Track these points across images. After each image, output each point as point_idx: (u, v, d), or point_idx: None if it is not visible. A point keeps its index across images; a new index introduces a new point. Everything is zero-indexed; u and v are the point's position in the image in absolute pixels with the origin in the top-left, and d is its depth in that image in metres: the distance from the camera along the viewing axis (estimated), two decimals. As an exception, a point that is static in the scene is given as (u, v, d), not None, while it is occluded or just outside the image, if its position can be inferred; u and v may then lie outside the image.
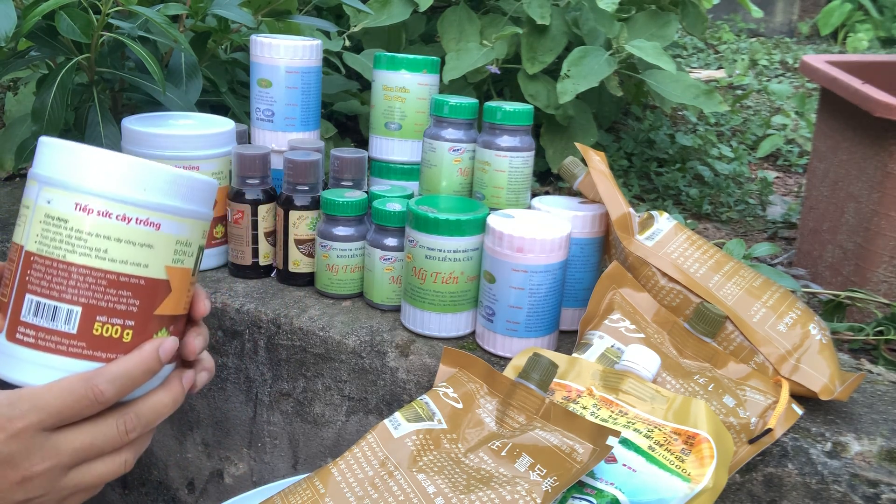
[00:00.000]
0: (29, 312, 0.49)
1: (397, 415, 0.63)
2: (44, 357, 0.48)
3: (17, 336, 0.49)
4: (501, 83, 1.43)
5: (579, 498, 0.58)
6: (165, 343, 0.49)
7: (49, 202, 0.49)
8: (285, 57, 0.92)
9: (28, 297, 0.49)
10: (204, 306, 0.54)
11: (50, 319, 0.48)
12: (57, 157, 0.49)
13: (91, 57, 0.95)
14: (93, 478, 0.48)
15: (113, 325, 0.49)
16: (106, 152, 0.49)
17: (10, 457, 0.45)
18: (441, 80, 1.13)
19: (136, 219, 0.48)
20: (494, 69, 1.26)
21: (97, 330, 0.48)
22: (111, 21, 0.93)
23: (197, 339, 0.54)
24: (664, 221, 0.78)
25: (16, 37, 0.84)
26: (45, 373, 0.49)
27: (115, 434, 0.48)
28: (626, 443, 0.60)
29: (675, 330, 0.73)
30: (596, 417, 0.63)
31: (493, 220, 0.74)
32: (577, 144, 0.83)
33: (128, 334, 0.49)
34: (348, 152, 0.92)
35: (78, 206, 0.48)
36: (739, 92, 2.22)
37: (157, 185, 0.49)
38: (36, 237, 0.49)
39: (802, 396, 0.70)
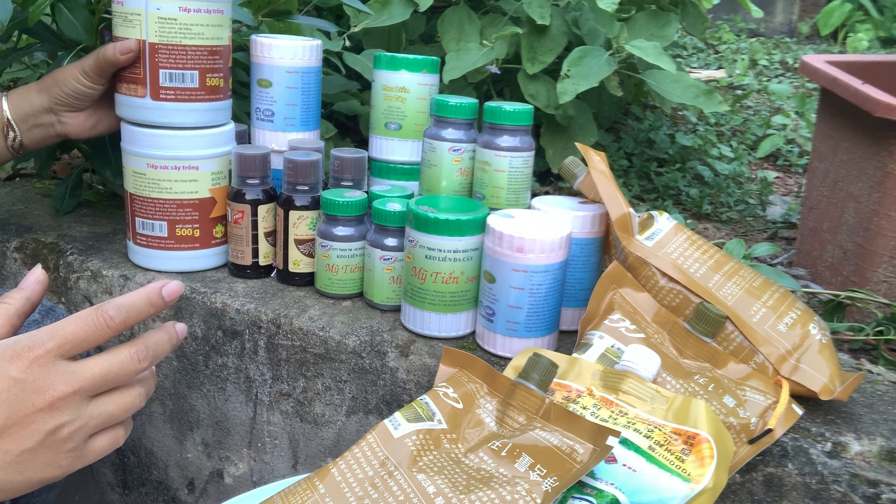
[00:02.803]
0: (165, 80, 0.82)
1: (397, 415, 0.63)
2: (181, 105, 0.83)
3: (161, 95, 0.82)
4: (501, 83, 1.43)
5: (579, 498, 0.58)
6: (170, 284, 0.54)
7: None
8: (285, 57, 0.92)
9: (161, 71, 0.81)
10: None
11: (180, 82, 0.82)
12: None
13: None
14: (115, 407, 0.51)
15: (219, 77, 0.86)
16: None
17: (33, 383, 0.48)
18: (441, 80, 1.13)
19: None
20: (494, 69, 1.26)
21: (209, 82, 0.84)
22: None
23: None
24: (664, 221, 0.78)
25: (15, 27, 0.84)
26: (180, 116, 0.84)
27: (129, 361, 0.51)
28: (626, 443, 0.60)
29: (675, 330, 0.73)
30: (596, 417, 0.63)
31: (493, 220, 0.74)
32: (577, 144, 0.83)
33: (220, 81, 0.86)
34: (348, 152, 0.91)
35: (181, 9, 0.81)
36: (739, 92, 2.22)
37: None
38: (154, 33, 0.80)
39: (802, 396, 0.70)
